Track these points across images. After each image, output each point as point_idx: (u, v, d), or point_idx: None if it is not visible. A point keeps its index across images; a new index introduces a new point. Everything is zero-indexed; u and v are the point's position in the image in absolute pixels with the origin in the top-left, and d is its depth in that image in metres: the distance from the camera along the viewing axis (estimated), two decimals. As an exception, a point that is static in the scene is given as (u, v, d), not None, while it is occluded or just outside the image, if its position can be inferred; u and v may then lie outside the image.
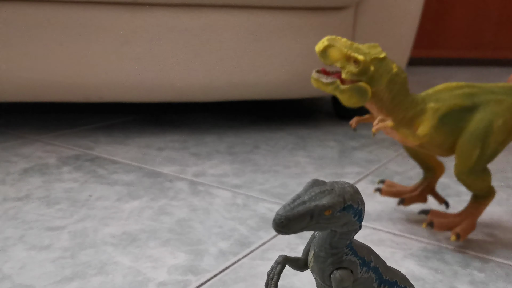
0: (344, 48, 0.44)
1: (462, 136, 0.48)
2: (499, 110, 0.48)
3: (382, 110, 0.47)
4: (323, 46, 0.44)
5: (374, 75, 0.45)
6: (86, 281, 0.45)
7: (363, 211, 0.31)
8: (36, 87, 0.87)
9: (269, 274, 0.35)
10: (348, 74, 0.45)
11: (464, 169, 0.48)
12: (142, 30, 0.86)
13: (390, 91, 0.46)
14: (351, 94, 0.45)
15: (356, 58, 0.44)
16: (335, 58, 0.45)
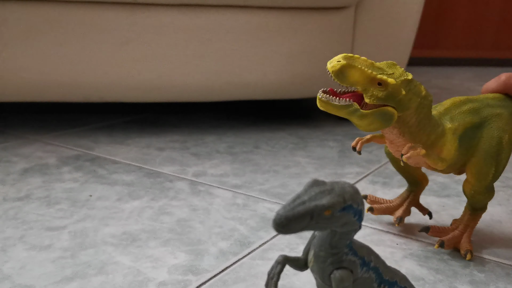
0: (365, 67, 0.39)
1: (475, 155, 0.47)
2: (502, 125, 0.48)
3: (404, 135, 0.44)
4: (339, 66, 0.39)
5: (404, 99, 0.41)
6: (87, 281, 0.45)
7: (363, 211, 0.31)
8: (36, 87, 0.87)
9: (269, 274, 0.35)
10: (373, 98, 0.40)
11: (481, 189, 0.48)
12: (142, 30, 0.86)
13: (417, 115, 0.43)
14: (374, 120, 0.40)
15: (385, 81, 0.39)
16: (356, 80, 0.39)
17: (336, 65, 0.39)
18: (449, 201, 0.66)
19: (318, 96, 0.40)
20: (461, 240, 0.51)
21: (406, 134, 0.43)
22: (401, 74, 0.41)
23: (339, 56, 0.39)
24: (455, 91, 1.64)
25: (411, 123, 0.43)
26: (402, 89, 0.40)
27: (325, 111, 0.41)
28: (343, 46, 0.97)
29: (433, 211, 0.63)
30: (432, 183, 0.73)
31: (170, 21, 0.86)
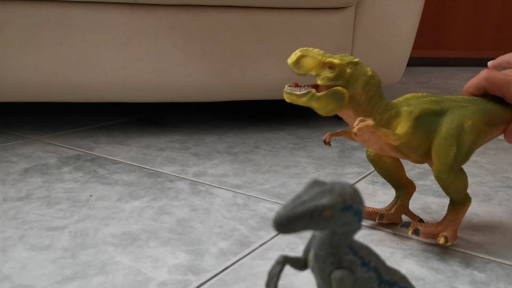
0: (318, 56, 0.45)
1: (436, 137, 0.49)
2: (466, 113, 0.50)
3: (359, 114, 0.47)
4: (296, 57, 0.45)
5: (350, 78, 0.46)
6: (87, 281, 0.45)
7: (363, 211, 0.31)
8: (36, 87, 0.87)
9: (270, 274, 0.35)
10: (324, 79, 0.45)
11: (443, 167, 0.49)
12: (142, 30, 0.86)
13: (366, 93, 0.46)
14: (328, 100, 0.45)
15: (332, 62, 0.45)
16: (310, 67, 0.45)
17: (293, 56, 0.45)
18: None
19: (284, 89, 0.46)
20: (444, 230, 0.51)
21: (360, 113, 0.47)
22: (348, 58, 0.46)
23: (296, 50, 0.45)
24: (455, 91, 1.64)
25: (362, 100, 0.47)
26: (348, 69, 0.45)
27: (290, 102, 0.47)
28: (343, 46, 0.97)
29: (433, 211, 0.63)
30: (432, 183, 0.73)
31: (170, 21, 0.87)
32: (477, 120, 0.50)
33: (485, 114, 0.51)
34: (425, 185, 0.72)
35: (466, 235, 0.56)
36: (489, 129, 0.52)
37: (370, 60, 1.03)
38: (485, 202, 0.66)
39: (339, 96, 0.45)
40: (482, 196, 0.69)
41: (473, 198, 0.68)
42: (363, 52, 1.01)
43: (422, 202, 0.66)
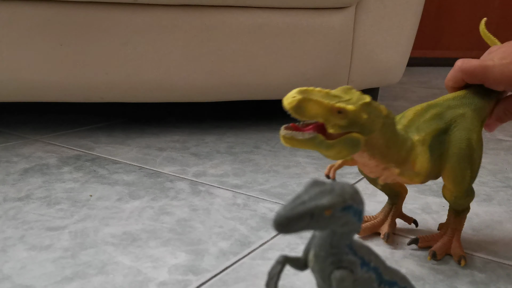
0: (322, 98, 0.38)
1: (449, 160, 0.47)
2: (468, 124, 0.48)
3: (374, 157, 0.43)
4: (296, 102, 0.37)
5: (366, 122, 0.39)
6: (87, 281, 0.45)
7: (363, 211, 0.31)
8: (36, 87, 0.87)
9: (270, 274, 0.35)
10: (336, 127, 0.38)
11: (461, 193, 0.48)
12: (142, 30, 0.86)
13: (384, 135, 0.42)
14: (341, 148, 0.39)
15: (344, 108, 0.38)
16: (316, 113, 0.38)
17: (292, 101, 0.37)
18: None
19: (281, 134, 0.39)
20: (452, 246, 0.50)
21: (377, 155, 0.42)
22: (358, 98, 0.40)
23: (293, 92, 0.38)
24: (455, 91, 1.64)
25: (379, 144, 0.42)
26: (363, 113, 0.39)
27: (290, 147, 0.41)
28: (343, 46, 0.97)
29: (433, 211, 0.63)
30: (432, 183, 0.73)
31: (170, 21, 0.87)
32: (479, 129, 0.49)
33: (479, 114, 0.50)
34: (425, 185, 0.72)
35: (466, 235, 0.56)
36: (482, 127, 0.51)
37: (370, 60, 1.03)
38: (485, 202, 0.66)
39: (354, 143, 0.39)
40: (482, 196, 0.69)
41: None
42: (363, 52, 1.01)
43: (422, 202, 0.66)
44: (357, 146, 0.40)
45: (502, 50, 0.50)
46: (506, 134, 1.06)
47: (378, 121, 0.40)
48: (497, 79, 0.48)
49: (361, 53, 1.01)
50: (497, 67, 0.48)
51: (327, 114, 0.38)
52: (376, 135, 0.41)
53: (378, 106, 0.41)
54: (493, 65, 0.48)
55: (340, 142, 0.39)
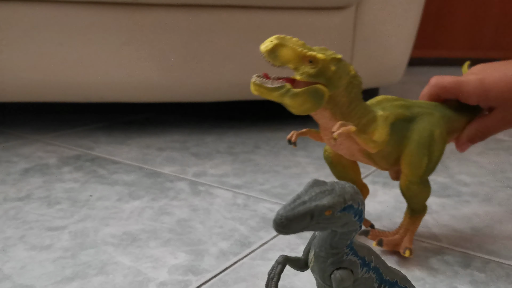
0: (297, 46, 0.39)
1: (408, 146, 0.48)
2: (434, 121, 0.49)
3: (336, 116, 0.43)
4: (272, 45, 0.38)
5: (333, 76, 0.41)
6: (87, 281, 0.45)
7: (363, 211, 0.31)
8: (36, 87, 0.87)
9: (270, 274, 0.35)
10: (304, 75, 0.40)
11: (415, 179, 0.48)
12: (142, 30, 0.86)
13: (348, 94, 0.43)
14: (305, 98, 0.40)
15: (315, 56, 0.39)
16: (288, 58, 0.39)
17: (268, 44, 0.39)
18: (449, 201, 0.66)
19: (252, 80, 0.40)
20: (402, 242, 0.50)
21: (338, 115, 0.43)
22: (331, 53, 0.41)
23: (272, 37, 0.39)
24: (455, 91, 1.64)
25: (342, 102, 0.43)
26: (332, 65, 0.41)
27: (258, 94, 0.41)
28: (343, 46, 0.97)
29: (433, 211, 0.63)
30: (432, 183, 0.73)
31: (170, 21, 0.87)
32: (443, 129, 0.49)
33: (446, 121, 0.51)
34: (425, 185, 0.72)
35: (466, 235, 0.56)
36: (448, 137, 0.52)
37: (370, 60, 1.03)
38: (485, 202, 0.66)
39: (318, 95, 0.40)
40: (482, 196, 0.69)
41: (473, 198, 0.68)
42: (363, 52, 1.01)
43: (422, 202, 0.66)
44: (321, 98, 0.41)
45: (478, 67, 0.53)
46: (506, 134, 1.06)
47: (345, 77, 0.42)
48: (469, 93, 0.51)
49: (361, 53, 1.01)
50: (470, 82, 0.51)
51: (298, 61, 0.40)
52: (341, 92, 0.42)
53: (348, 65, 0.43)
54: (467, 80, 0.51)
55: (306, 91, 0.40)
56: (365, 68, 1.03)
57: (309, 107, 0.41)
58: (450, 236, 0.56)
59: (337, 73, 0.41)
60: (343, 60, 0.42)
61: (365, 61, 1.02)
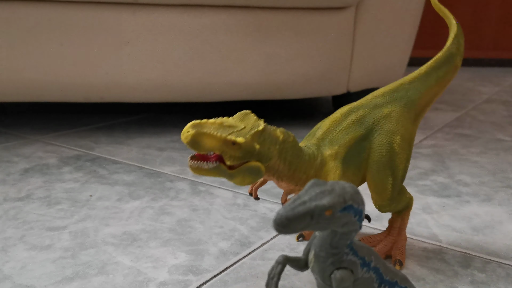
0: (215, 131, 0.39)
1: (369, 169, 0.46)
2: (392, 127, 0.46)
3: (282, 179, 0.43)
4: (190, 137, 0.38)
5: (261, 151, 0.40)
6: (87, 281, 0.45)
7: (363, 211, 0.31)
8: (36, 87, 0.87)
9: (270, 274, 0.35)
10: (232, 159, 0.39)
11: (384, 202, 0.46)
12: (142, 30, 0.86)
13: (284, 160, 0.42)
14: (243, 176, 0.40)
15: (235, 141, 0.39)
16: (211, 146, 0.39)
17: (187, 136, 0.38)
18: (449, 201, 0.66)
19: (189, 164, 0.40)
20: (394, 247, 0.50)
21: (284, 178, 0.43)
22: (252, 125, 0.40)
23: (187, 126, 0.39)
24: (455, 91, 1.64)
25: (281, 168, 0.42)
26: (255, 144, 0.40)
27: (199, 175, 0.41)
28: (343, 46, 0.97)
29: (433, 211, 0.63)
30: (432, 183, 0.73)
31: (170, 21, 0.87)
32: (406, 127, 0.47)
33: (411, 108, 0.48)
34: (425, 185, 0.72)
35: (466, 235, 0.56)
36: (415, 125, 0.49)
37: (370, 60, 1.03)
38: (485, 202, 0.66)
39: (254, 171, 0.40)
40: (482, 196, 0.69)
41: (473, 198, 0.68)
42: (363, 52, 1.01)
43: (422, 202, 0.66)
44: (259, 173, 0.41)
45: None
46: (506, 134, 1.06)
47: (274, 148, 0.41)
48: None
49: (361, 53, 1.01)
50: None
51: (222, 146, 0.39)
52: (276, 161, 0.42)
53: (274, 131, 0.42)
54: None
55: (241, 171, 0.40)
56: (365, 68, 1.03)
57: (250, 181, 0.41)
58: (450, 236, 0.56)
59: (264, 147, 0.40)
60: (266, 128, 0.41)
61: (365, 61, 1.02)
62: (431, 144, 0.96)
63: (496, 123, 1.16)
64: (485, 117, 1.23)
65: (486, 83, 1.82)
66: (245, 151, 0.39)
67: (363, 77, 1.04)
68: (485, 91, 1.65)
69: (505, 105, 1.40)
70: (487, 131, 1.08)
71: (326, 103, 1.36)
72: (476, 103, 1.43)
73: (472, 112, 1.29)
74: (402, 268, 0.48)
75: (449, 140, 0.99)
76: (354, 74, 1.02)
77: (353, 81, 1.03)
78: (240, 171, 0.40)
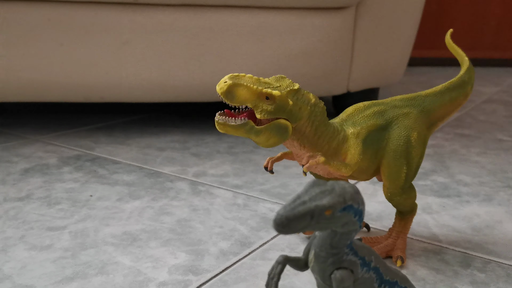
0: (252, 84, 0.40)
1: (385, 157, 0.47)
2: (410, 123, 0.48)
3: (304, 146, 0.43)
4: (226, 87, 0.39)
5: (293, 109, 0.41)
6: (87, 281, 0.45)
7: (363, 211, 0.31)
8: (36, 87, 0.87)
9: (270, 274, 0.35)
10: (264, 113, 0.40)
11: (396, 190, 0.47)
12: (142, 30, 0.86)
13: (312, 123, 0.43)
14: (269, 134, 0.41)
15: (271, 94, 0.40)
16: (245, 98, 0.39)
17: (223, 86, 0.39)
18: (449, 201, 0.66)
19: (216, 119, 0.41)
20: (395, 247, 0.50)
21: (306, 144, 0.43)
22: (288, 85, 0.41)
23: (225, 77, 0.39)
24: (455, 91, 1.64)
25: (308, 132, 0.43)
26: (289, 100, 0.41)
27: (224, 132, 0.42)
28: (343, 46, 0.97)
29: (433, 211, 0.63)
30: (432, 183, 0.73)
31: (170, 21, 0.87)
32: (421, 128, 0.48)
33: (426, 116, 0.50)
34: (425, 185, 0.72)
35: (466, 235, 0.56)
36: (430, 132, 0.51)
37: (370, 60, 1.03)
38: (485, 202, 0.66)
39: (282, 130, 0.41)
40: (483, 196, 0.69)
41: (473, 198, 0.68)
42: (363, 52, 1.01)
43: (422, 202, 0.66)
44: (286, 132, 0.41)
45: None
46: (506, 134, 1.06)
47: (305, 108, 0.42)
48: None
49: (361, 53, 1.01)
50: None
51: (255, 99, 0.40)
52: (304, 122, 0.42)
53: (307, 94, 0.43)
54: None
55: (268, 128, 0.41)
56: (365, 68, 1.03)
57: (275, 141, 0.42)
58: (450, 236, 0.56)
59: (296, 106, 0.41)
60: (300, 90, 0.42)
61: (365, 61, 1.02)
62: (431, 144, 0.96)
63: (496, 123, 1.16)
64: (485, 117, 1.23)
65: (486, 83, 1.82)
66: (278, 106, 0.40)
67: (363, 77, 1.04)
68: (485, 91, 1.65)
69: (505, 105, 1.40)
70: (487, 131, 1.08)
71: (326, 103, 1.36)
72: (476, 103, 1.43)
73: (472, 112, 1.29)
74: (403, 264, 0.48)
75: (449, 140, 0.99)
76: (354, 74, 1.02)
77: (353, 81, 1.03)
78: (267, 128, 0.41)
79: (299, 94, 0.42)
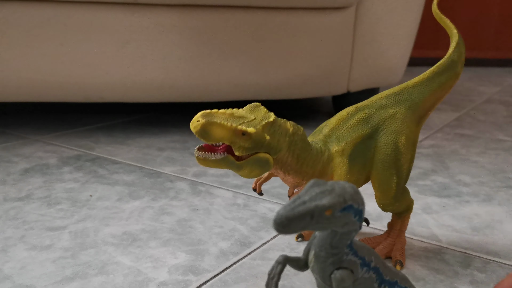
0: (226, 121, 0.39)
1: (374, 167, 0.46)
2: (397, 127, 0.46)
3: (289, 173, 0.43)
4: (200, 126, 0.38)
5: (271, 142, 0.40)
6: (87, 281, 0.45)
7: (363, 211, 0.31)
8: (36, 87, 0.87)
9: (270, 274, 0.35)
10: (241, 149, 0.39)
11: (388, 200, 0.47)
12: (142, 30, 0.86)
13: (292, 153, 0.42)
14: (251, 168, 0.40)
15: (246, 131, 0.39)
16: (220, 136, 0.38)
17: (197, 125, 0.38)
18: (449, 201, 0.66)
19: (195, 155, 0.40)
20: (394, 248, 0.50)
21: (291, 172, 0.43)
22: (263, 116, 0.40)
23: (197, 115, 0.39)
24: (455, 91, 1.64)
25: (290, 161, 0.42)
26: (265, 135, 0.40)
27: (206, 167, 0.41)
28: (343, 46, 0.97)
29: (433, 211, 0.63)
30: (432, 183, 0.73)
31: (170, 21, 0.87)
32: (410, 129, 0.47)
33: (414, 111, 0.48)
34: (425, 185, 0.72)
35: (466, 235, 0.56)
36: (419, 127, 0.49)
37: (370, 60, 1.03)
38: (485, 202, 0.66)
39: (263, 163, 0.40)
40: (483, 196, 0.69)
41: (473, 198, 0.68)
42: (363, 52, 1.01)
43: (422, 202, 0.66)
44: (267, 165, 0.41)
45: None
46: (506, 134, 1.06)
47: (283, 140, 0.41)
48: None
49: (361, 53, 1.01)
50: None
51: (231, 136, 0.39)
52: (285, 153, 0.42)
53: (284, 124, 0.41)
54: None
55: (249, 162, 0.40)
56: (365, 68, 1.03)
57: (258, 173, 0.41)
58: (450, 236, 0.56)
59: (274, 139, 0.40)
60: (277, 120, 0.41)
61: (365, 61, 1.02)
62: (431, 144, 0.96)
63: (496, 123, 1.16)
64: (485, 117, 1.23)
65: (486, 83, 1.82)
66: (255, 142, 0.39)
67: (363, 77, 1.04)
68: (485, 91, 1.65)
69: (505, 105, 1.40)
70: (487, 131, 1.08)
71: (326, 103, 1.36)
72: (476, 103, 1.43)
73: (472, 112, 1.29)
74: (402, 268, 0.48)
75: (449, 140, 0.99)
76: (354, 74, 1.02)
77: (353, 81, 1.03)
78: (248, 163, 0.40)
79: (276, 126, 0.41)
